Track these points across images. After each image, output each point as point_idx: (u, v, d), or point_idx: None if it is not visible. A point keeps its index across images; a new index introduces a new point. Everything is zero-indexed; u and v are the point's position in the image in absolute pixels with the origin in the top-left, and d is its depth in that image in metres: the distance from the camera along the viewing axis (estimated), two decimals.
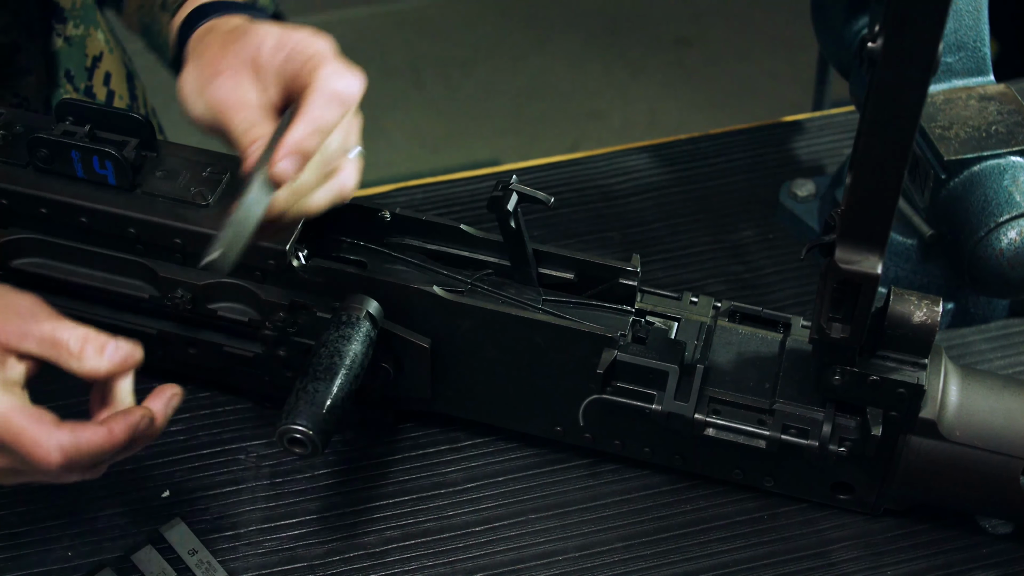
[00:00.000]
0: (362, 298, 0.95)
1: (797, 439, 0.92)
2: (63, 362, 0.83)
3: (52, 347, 0.82)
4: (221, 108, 0.86)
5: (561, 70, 3.10)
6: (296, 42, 0.88)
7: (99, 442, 0.81)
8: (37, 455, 0.80)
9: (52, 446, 0.80)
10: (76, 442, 0.80)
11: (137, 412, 0.83)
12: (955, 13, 1.09)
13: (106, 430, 0.81)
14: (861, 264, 0.83)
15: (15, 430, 0.80)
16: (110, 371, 0.83)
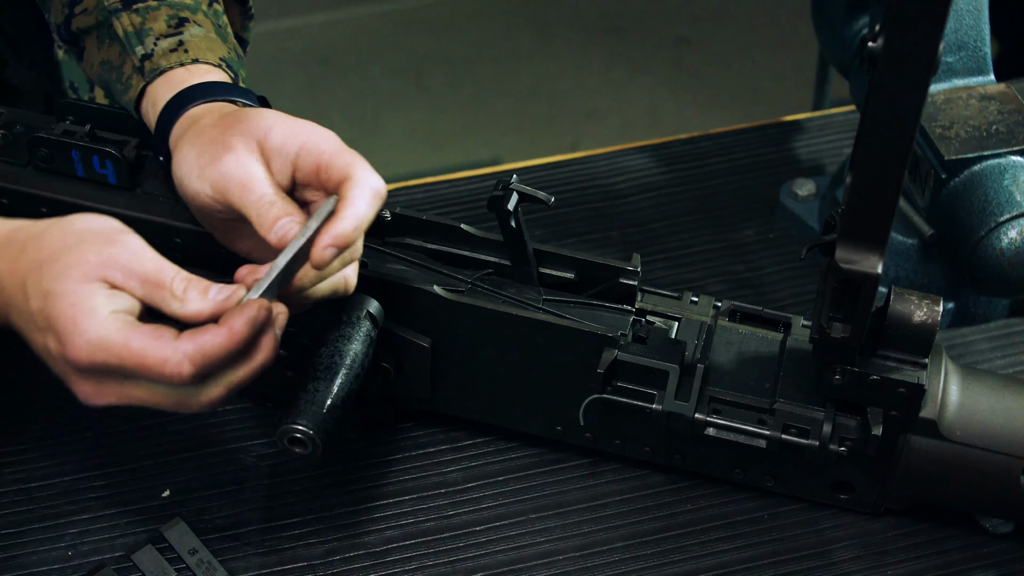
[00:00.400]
0: (363, 298, 0.95)
1: (797, 439, 0.92)
2: (165, 305, 0.81)
3: (157, 289, 0.81)
4: (231, 185, 0.86)
5: (562, 70, 3.10)
6: (311, 132, 0.88)
7: (222, 343, 0.79)
8: (167, 372, 0.78)
9: (179, 359, 0.78)
10: (201, 348, 0.78)
11: (253, 304, 0.81)
12: (955, 13, 1.09)
13: (226, 328, 0.79)
14: (861, 264, 0.83)
15: (138, 353, 0.78)
16: (212, 314, 0.81)
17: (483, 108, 3.00)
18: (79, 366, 0.79)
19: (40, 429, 1.05)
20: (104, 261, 0.80)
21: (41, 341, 0.81)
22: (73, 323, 0.78)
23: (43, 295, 0.79)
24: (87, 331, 0.78)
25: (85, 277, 0.79)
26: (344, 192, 0.86)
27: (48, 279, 0.79)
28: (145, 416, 1.06)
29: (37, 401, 1.07)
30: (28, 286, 0.80)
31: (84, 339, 0.78)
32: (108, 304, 0.79)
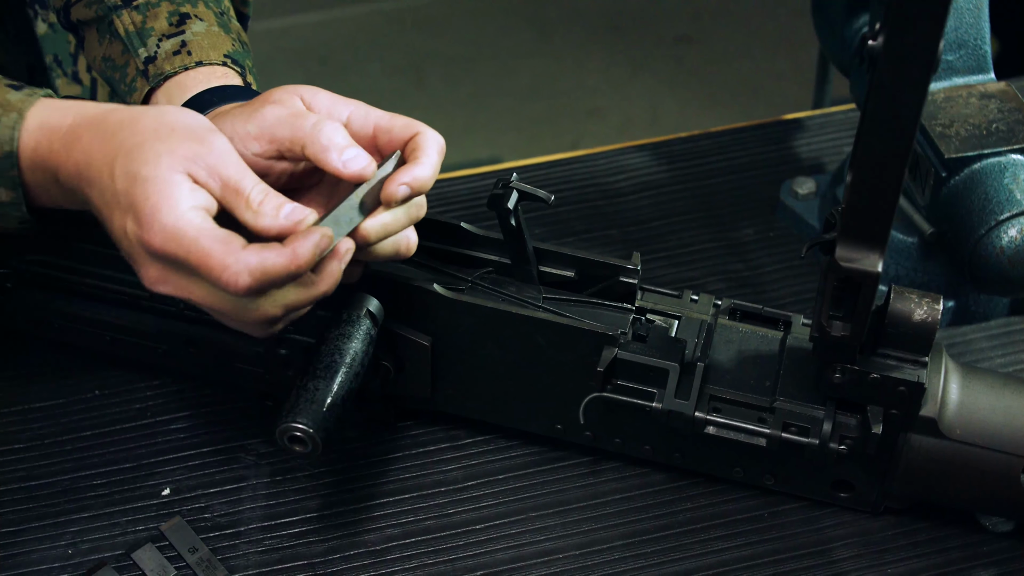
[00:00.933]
0: (363, 296, 0.95)
1: (798, 437, 0.92)
2: (239, 211, 0.82)
3: (234, 194, 0.82)
4: (281, 124, 0.86)
5: (562, 68, 3.10)
6: (356, 103, 0.90)
7: (284, 263, 0.80)
8: (224, 278, 0.79)
9: (240, 268, 0.79)
10: (262, 263, 0.79)
11: (318, 231, 0.81)
12: (956, 11, 1.09)
13: (290, 250, 0.80)
14: (862, 262, 0.83)
15: (203, 252, 0.79)
16: (281, 231, 0.81)
17: (483, 107, 3.00)
18: (151, 250, 0.81)
19: (40, 428, 1.05)
20: (191, 156, 0.81)
21: (120, 221, 0.82)
22: (154, 209, 0.79)
23: (130, 178, 0.80)
24: (165, 219, 0.79)
25: (172, 168, 0.80)
26: (417, 143, 0.87)
27: (138, 163, 0.80)
28: (145, 415, 1.06)
29: (37, 400, 1.07)
30: (116, 167, 0.81)
31: (160, 226, 0.79)
32: (190, 198, 0.80)
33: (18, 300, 1.05)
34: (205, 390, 1.08)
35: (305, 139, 0.85)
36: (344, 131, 0.86)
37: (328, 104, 0.89)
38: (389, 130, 0.89)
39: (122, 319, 1.03)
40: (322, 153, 0.85)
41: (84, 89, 1.22)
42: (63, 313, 1.04)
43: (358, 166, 0.85)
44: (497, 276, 1.00)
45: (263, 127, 0.87)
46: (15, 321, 1.07)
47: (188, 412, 1.07)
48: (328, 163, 0.85)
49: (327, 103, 0.90)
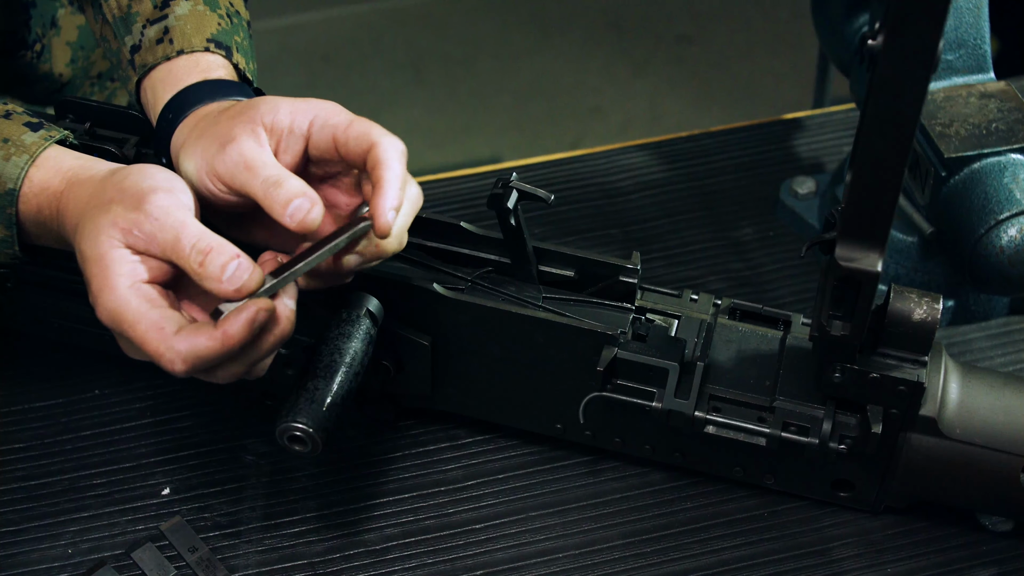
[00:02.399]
0: (362, 296, 0.95)
1: (797, 436, 0.92)
2: (189, 271, 0.83)
3: (176, 257, 0.83)
4: (237, 171, 0.86)
5: (562, 67, 3.10)
6: (319, 108, 0.90)
7: (216, 347, 0.81)
8: (162, 363, 0.82)
9: (174, 356, 0.81)
10: (194, 350, 0.81)
11: (252, 306, 0.82)
12: (955, 11, 1.09)
13: (221, 333, 0.81)
14: (861, 261, 0.83)
15: (140, 338, 0.82)
16: (229, 296, 0.82)
17: (483, 106, 3.00)
18: (105, 325, 0.83)
19: (40, 428, 1.05)
20: (128, 227, 0.83)
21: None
22: (99, 289, 0.82)
23: (81, 255, 0.84)
24: (107, 301, 0.82)
25: (111, 244, 0.83)
26: (377, 158, 0.87)
27: (85, 241, 0.84)
28: (145, 415, 1.06)
29: (37, 400, 1.07)
30: (75, 241, 0.85)
31: (104, 307, 0.82)
32: (129, 276, 0.82)
33: (18, 300, 1.05)
34: (205, 390, 1.08)
35: (257, 195, 0.85)
36: (294, 180, 0.85)
37: (289, 119, 0.89)
38: (345, 142, 0.88)
39: None
40: (272, 210, 0.84)
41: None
42: (63, 313, 1.04)
43: (300, 215, 0.84)
44: (497, 276, 1.00)
45: (222, 172, 0.87)
46: (15, 321, 1.07)
47: (188, 412, 1.07)
48: (280, 220, 0.84)
49: (288, 119, 0.89)
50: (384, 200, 0.85)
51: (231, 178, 0.86)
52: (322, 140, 0.89)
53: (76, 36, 1.19)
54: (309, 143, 0.89)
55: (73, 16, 1.19)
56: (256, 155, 0.86)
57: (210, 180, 0.87)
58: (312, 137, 0.89)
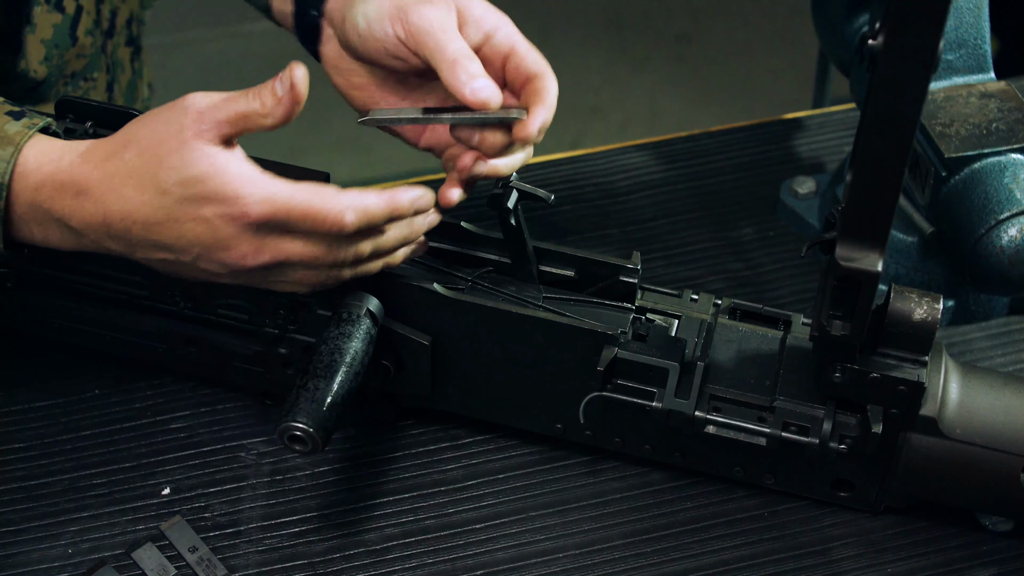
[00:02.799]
0: (362, 295, 0.95)
1: (798, 436, 0.92)
2: (260, 126, 0.85)
3: (245, 121, 0.85)
4: (431, 33, 0.91)
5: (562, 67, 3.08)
6: (508, 20, 0.96)
7: (383, 205, 0.86)
8: (332, 219, 0.84)
9: (344, 206, 0.84)
10: (363, 202, 0.85)
11: (418, 188, 0.88)
12: (955, 10, 1.09)
13: (389, 195, 0.86)
14: (862, 261, 0.83)
15: (305, 203, 0.84)
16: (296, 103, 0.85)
17: None
18: (249, 222, 0.84)
19: (40, 428, 1.05)
20: (200, 130, 0.84)
21: (192, 217, 0.84)
22: (235, 186, 0.83)
23: (187, 182, 0.83)
24: (253, 190, 0.83)
25: (207, 151, 0.84)
26: (541, 86, 0.95)
27: (181, 166, 0.84)
28: (146, 415, 1.06)
29: (37, 400, 1.07)
30: (159, 179, 0.84)
31: (253, 198, 0.83)
32: (249, 164, 0.84)
33: (18, 300, 1.05)
34: (205, 390, 1.08)
35: (443, 61, 0.90)
36: (479, 64, 0.91)
37: (479, 14, 0.94)
38: (522, 59, 0.95)
39: (122, 319, 1.03)
40: (454, 80, 0.90)
41: (66, 18, 1.20)
42: (63, 313, 1.04)
43: (485, 95, 0.90)
44: (497, 275, 1.00)
45: (414, 22, 0.91)
46: (15, 321, 1.07)
47: (188, 412, 1.07)
48: (459, 88, 0.90)
49: (480, 12, 0.94)
50: (541, 111, 0.94)
51: (421, 34, 0.91)
52: (500, 45, 0.94)
53: (51, 34, 1.20)
54: (483, 44, 0.94)
55: (49, 14, 1.19)
56: (452, 25, 0.91)
57: (392, 24, 0.92)
58: (490, 41, 0.94)
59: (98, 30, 1.28)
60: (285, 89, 0.84)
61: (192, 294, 1.00)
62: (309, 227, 0.85)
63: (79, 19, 1.23)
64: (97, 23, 1.28)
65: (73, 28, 1.22)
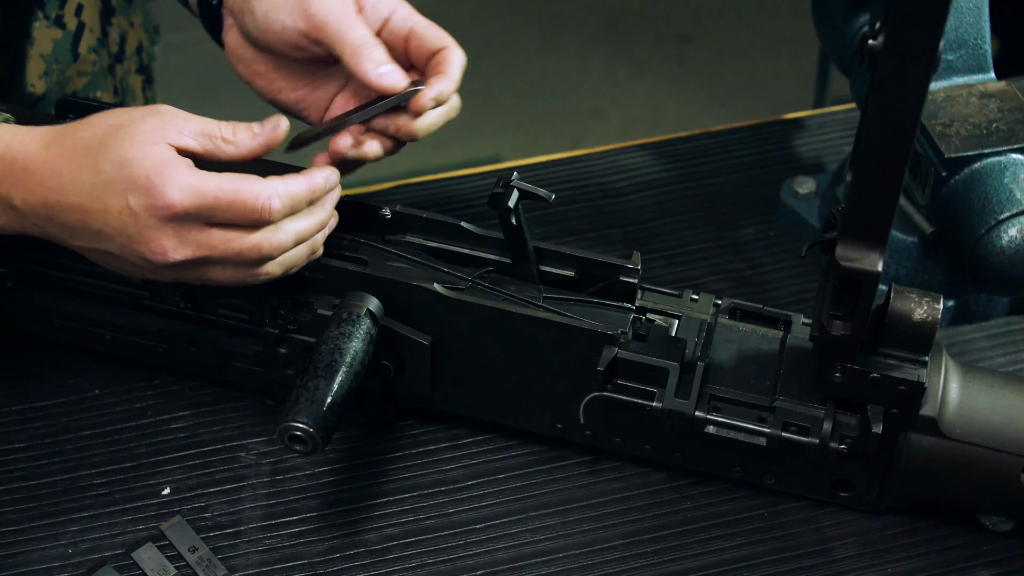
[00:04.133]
0: (363, 295, 0.95)
1: (798, 436, 0.92)
2: (220, 151, 0.88)
3: (208, 139, 0.87)
4: (331, 21, 0.93)
5: (562, 67, 3.10)
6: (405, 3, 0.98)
7: (304, 187, 0.88)
8: (259, 205, 0.86)
9: (270, 193, 0.86)
10: (288, 187, 0.87)
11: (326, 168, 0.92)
12: (956, 10, 1.09)
13: (308, 177, 0.89)
14: (862, 261, 0.83)
15: (232, 190, 0.85)
16: (265, 146, 0.88)
17: (484, 106, 3.00)
18: (172, 213, 0.84)
19: (40, 427, 1.05)
20: (159, 127, 0.86)
21: (118, 204, 0.85)
22: (162, 175, 0.84)
23: (119, 163, 0.84)
24: (180, 179, 0.84)
25: (155, 142, 0.85)
26: (443, 57, 0.97)
27: (121, 149, 0.85)
28: (146, 415, 1.06)
29: (37, 400, 1.07)
30: (98, 161, 0.85)
31: (178, 186, 0.84)
32: (184, 160, 0.85)
33: (18, 300, 1.05)
34: (205, 390, 1.08)
35: (347, 48, 0.93)
36: (383, 50, 0.94)
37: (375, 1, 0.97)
38: (422, 37, 0.97)
39: (122, 319, 1.03)
40: (360, 67, 0.93)
41: (67, 34, 1.20)
42: (63, 313, 1.04)
43: (391, 80, 0.94)
44: (497, 275, 1.00)
45: (315, 13, 0.93)
46: (15, 321, 1.07)
47: (188, 412, 1.07)
48: (365, 76, 0.93)
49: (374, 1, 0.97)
50: (437, 82, 0.96)
51: (323, 23, 0.93)
52: (400, 28, 0.97)
53: (50, 49, 1.20)
54: (383, 28, 0.97)
55: (49, 29, 1.20)
56: (352, 12, 0.94)
57: (291, 15, 0.94)
58: (388, 24, 0.97)
59: (104, 50, 1.29)
60: (264, 130, 0.88)
61: (192, 294, 1.00)
62: (235, 217, 0.86)
63: (81, 35, 1.24)
64: (103, 43, 1.28)
65: (75, 44, 1.23)
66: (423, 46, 0.98)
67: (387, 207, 1.00)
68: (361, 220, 1.01)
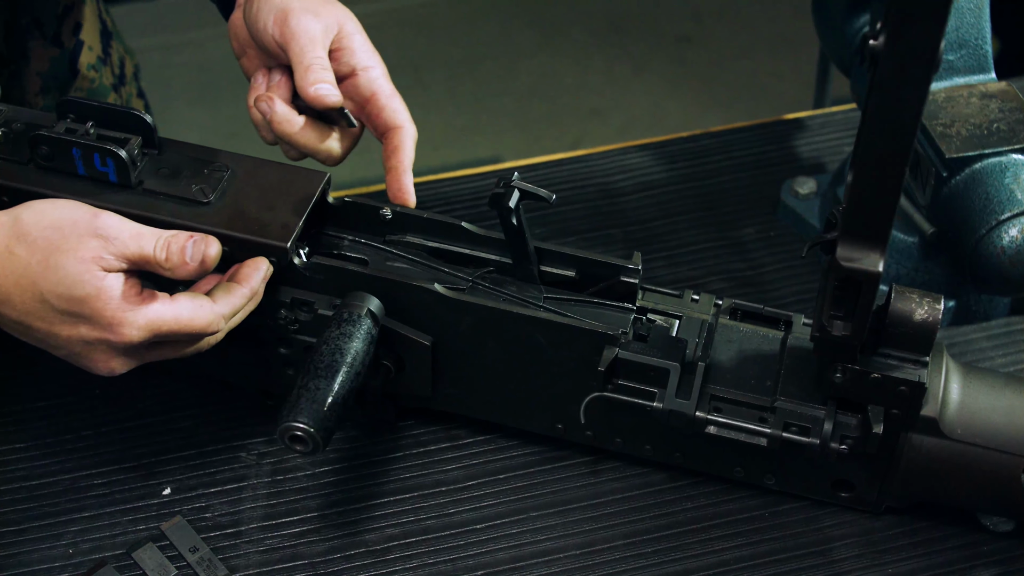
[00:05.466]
0: (363, 296, 0.95)
1: (798, 437, 0.92)
2: (158, 271, 0.89)
3: (144, 263, 0.89)
4: (296, 39, 1.00)
5: (563, 68, 3.10)
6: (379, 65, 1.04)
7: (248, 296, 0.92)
8: (211, 331, 0.90)
9: (217, 319, 0.90)
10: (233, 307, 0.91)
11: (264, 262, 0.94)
12: (956, 11, 1.09)
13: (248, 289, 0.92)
14: (862, 262, 0.83)
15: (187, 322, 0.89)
16: (196, 273, 0.90)
17: (484, 106, 3.00)
18: (127, 343, 0.87)
19: (40, 428, 1.05)
20: (97, 256, 0.87)
21: (68, 332, 0.88)
22: (120, 315, 0.86)
23: (68, 300, 0.86)
24: (136, 319, 0.87)
25: (96, 276, 0.86)
26: (396, 139, 1.03)
27: (66, 282, 0.86)
28: (146, 415, 1.06)
29: (37, 400, 1.07)
30: (42, 292, 0.86)
31: (136, 326, 0.87)
32: (131, 286, 0.88)
33: None
34: (205, 390, 1.08)
35: (299, 62, 1.00)
36: (330, 74, 1.00)
37: (356, 47, 1.03)
38: (382, 108, 1.03)
39: None
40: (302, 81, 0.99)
41: (64, 52, 1.21)
42: None
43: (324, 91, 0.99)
44: (498, 275, 1.00)
45: (287, 32, 1.00)
46: None
47: (188, 412, 1.07)
48: (303, 89, 0.99)
49: (356, 45, 1.03)
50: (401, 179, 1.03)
51: (291, 39, 1.00)
52: (363, 88, 1.03)
53: (48, 67, 1.21)
54: (348, 78, 1.03)
55: (46, 49, 1.20)
56: (320, 40, 1.01)
57: (274, 23, 1.00)
58: (356, 76, 1.03)
59: (107, 68, 1.29)
60: (195, 260, 0.89)
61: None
62: (184, 339, 0.91)
63: (79, 52, 1.24)
64: (104, 62, 1.29)
65: (73, 61, 1.23)
66: (381, 117, 1.03)
67: (388, 207, 1.01)
68: (361, 220, 1.01)
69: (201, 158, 0.99)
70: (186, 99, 2.90)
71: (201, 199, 0.96)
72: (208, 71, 2.99)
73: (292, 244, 0.95)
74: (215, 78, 2.96)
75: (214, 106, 2.88)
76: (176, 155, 0.99)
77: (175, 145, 1.00)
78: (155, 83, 1.49)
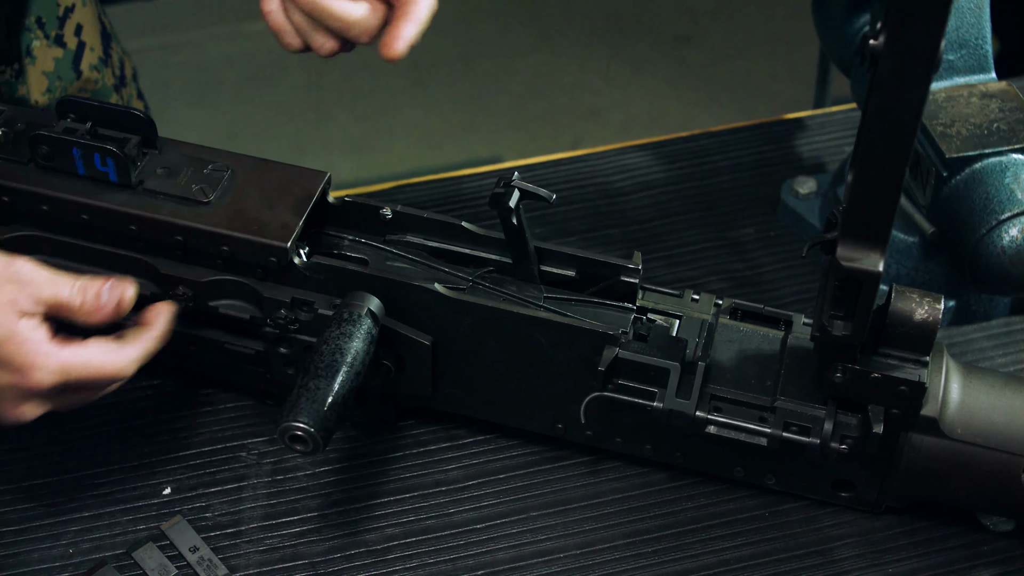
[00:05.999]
0: (363, 295, 0.95)
1: (798, 436, 0.92)
2: (73, 318, 0.89)
3: (60, 309, 0.89)
4: None
5: (562, 68, 3.10)
6: None
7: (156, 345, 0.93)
8: (123, 375, 0.91)
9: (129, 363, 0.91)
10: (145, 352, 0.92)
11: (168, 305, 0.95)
12: (957, 10, 1.09)
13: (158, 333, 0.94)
14: (863, 262, 0.83)
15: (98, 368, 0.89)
16: (112, 317, 0.90)
17: (484, 106, 3.00)
18: (42, 391, 0.88)
19: (40, 427, 1.05)
20: (13, 300, 0.87)
21: None
22: (32, 358, 0.86)
23: None
24: (48, 363, 0.87)
25: (12, 320, 0.86)
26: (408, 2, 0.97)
27: None
28: (146, 415, 1.06)
29: None
30: None
31: (48, 370, 0.87)
32: (47, 332, 0.88)
33: None
34: (205, 390, 1.08)
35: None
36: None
37: None
38: None
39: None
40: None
41: (67, 52, 1.21)
42: None
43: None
44: (498, 275, 1.00)
45: None
46: None
47: (188, 412, 1.07)
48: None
49: None
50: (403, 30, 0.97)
51: None
52: None
53: (52, 67, 1.21)
54: None
55: (50, 48, 1.20)
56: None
57: None
58: None
59: (108, 70, 1.30)
60: (110, 305, 0.90)
61: (194, 292, 1.00)
62: (95, 385, 0.91)
63: (82, 54, 1.24)
64: (105, 63, 1.29)
65: (76, 62, 1.24)
66: None
67: (388, 207, 1.01)
68: (361, 220, 1.01)
69: (201, 158, 0.99)
70: (185, 99, 2.90)
71: (201, 199, 0.96)
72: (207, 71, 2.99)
73: (292, 244, 0.95)
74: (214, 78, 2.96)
75: (214, 106, 2.88)
76: (176, 155, 0.99)
77: (175, 145, 1.00)
78: (153, 83, 1.49)
